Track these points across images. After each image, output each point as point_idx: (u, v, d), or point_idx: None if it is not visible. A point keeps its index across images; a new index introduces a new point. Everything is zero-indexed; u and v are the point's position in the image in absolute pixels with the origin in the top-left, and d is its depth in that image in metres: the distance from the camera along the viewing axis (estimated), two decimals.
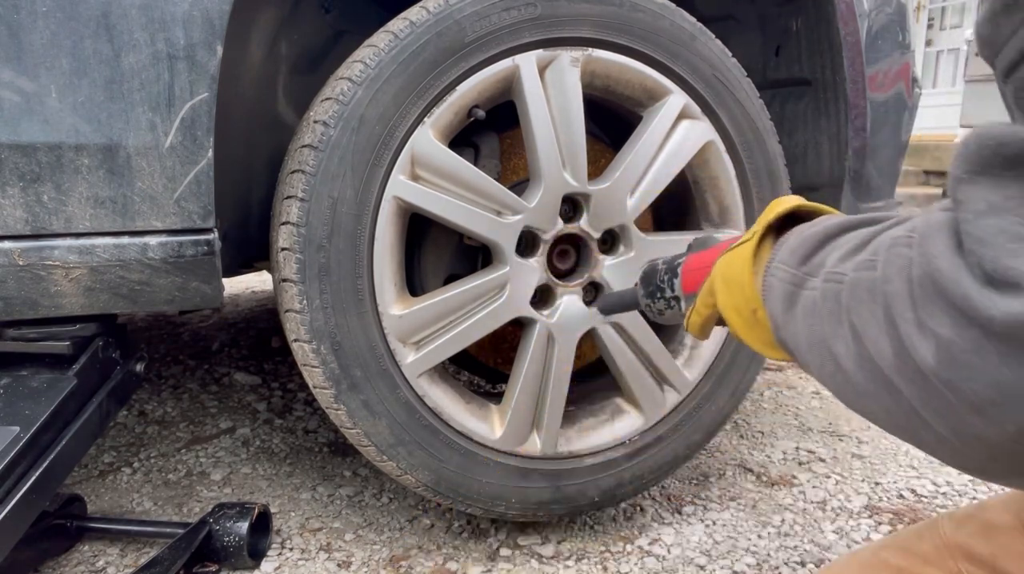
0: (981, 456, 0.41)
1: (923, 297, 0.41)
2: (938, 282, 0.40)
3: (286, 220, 1.01)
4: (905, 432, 0.47)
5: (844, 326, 0.50)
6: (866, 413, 0.51)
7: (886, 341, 0.44)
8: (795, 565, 1.17)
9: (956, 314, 0.39)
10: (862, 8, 1.33)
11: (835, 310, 0.51)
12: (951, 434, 0.42)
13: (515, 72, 1.06)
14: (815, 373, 0.56)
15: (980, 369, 0.38)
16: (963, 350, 0.39)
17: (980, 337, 0.38)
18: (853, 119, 1.36)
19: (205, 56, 0.91)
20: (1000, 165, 0.39)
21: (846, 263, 0.52)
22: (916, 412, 0.43)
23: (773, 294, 0.61)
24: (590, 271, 1.16)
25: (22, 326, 1.01)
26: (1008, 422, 0.38)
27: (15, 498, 0.92)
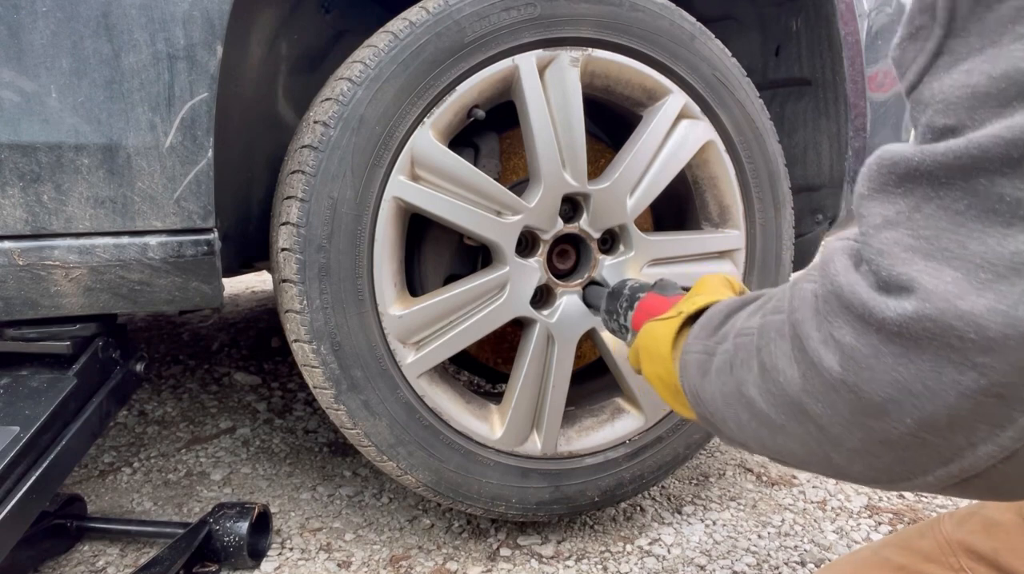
0: (890, 459, 0.44)
1: (828, 312, 0.45)
2: (840, 295, 0.44)
3: (286, 220, 1.01)
4: (820, 460, 0.50)
5: (754, 369, 0.54)
6: (784, 453, 0.54)
7: (793, 367, 0.48)
8: (795, 565, 1.17)
9: (856, 321, 0.43)
10: (862, 8, 1.33)
11: (746, 358, 0.56)
12: (860, 444, 0.45)
13: (515, 72, 1.06)
14: (734, 429, 0.59)
15: (879, 370, 0.41)
16: (864, 355, 0.42)
17: (878, 341, 0.42)
18: (853, 119, 1.36)
19: (205, 56, 0.91)
20: (893, 183, 0.43)
21: (754, 318, 0.58)
22: (826, 433, 0.47)
23: (689, 370, 0.66)
24: (590, 271, 1.16)
25: (22, 326, 1.01)
26: (906, 416, 0.41)
27: (15, 498, 0.92)
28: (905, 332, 0.40)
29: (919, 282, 0.39)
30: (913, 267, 0.40)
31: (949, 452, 0.41)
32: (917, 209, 0.41)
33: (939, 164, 0.40)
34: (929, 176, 0.41)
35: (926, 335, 0.39)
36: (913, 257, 0.41)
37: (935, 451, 0.42)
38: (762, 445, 0.56)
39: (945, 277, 0.39)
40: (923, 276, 0.40)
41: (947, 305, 0.38)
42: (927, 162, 0.41)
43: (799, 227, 1.48)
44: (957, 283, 0.38)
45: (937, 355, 0.39)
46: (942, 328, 0.38)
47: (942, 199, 0.40)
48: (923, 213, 0.41)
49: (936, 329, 0.38)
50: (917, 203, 0.41)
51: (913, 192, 0.42)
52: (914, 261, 0.40)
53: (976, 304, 0.37)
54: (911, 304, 0.39)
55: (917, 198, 0.41)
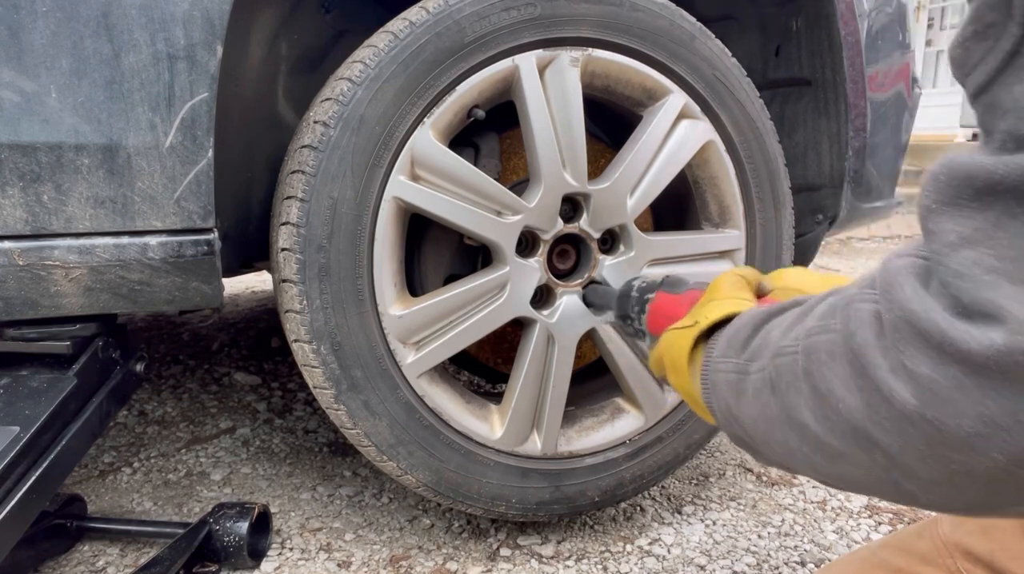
0: (972, 492, 0.42)
1: (899, 341, 0.42)
2: (913, 323, 0.41)
3: (286, 220, 1.01)
4: (886, 486, 0.47)
5: (804, 394, 0.50)
6: (843, 479, 0.51)
7: (855, 394, 0.45)
8: (795, 565, 1.17)
9: (934, 352, 0.40)
10: (862, 8, 1.33)
11: (792, 381, 0.52)
12: (938, 475, 0.42)
13: (515, 72, 1.06)
14: (779, 453, 0.56)
15: (963, 404, 0.39)
16: (945, 387, 0.39)
17: (960, 373, 0.39)
18: (853, 119, 1.36)
19: (205, 56, 0.91)
20: (968, 196, 0.40)
21: (791, 335, 0.53)
22: (896, 462, 0.44)
23: (719, 390, 0.62)
24: (590, 271, 1.16)
25: (22, 326, 1.01)
26: (996, 452, 0.39)
27: (15, 498, 0.92)
28: (993, 365, 0.37)
29: (1008, 310, 0.37)
30: (999, 293, 0.37)
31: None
32: (999, 226, 0.38)
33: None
34: (1014, 190, 0.38)
35: (1017, 369, 0.36)
36: (998, 281, 0.38)
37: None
38: (815, 470, 0.53)
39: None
40: (1012, 303, 0.37)
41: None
42: (1012, 175, 0.37)
43: (799, 227, 1.48)
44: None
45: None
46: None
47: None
48: (1007, 231, 0.38)
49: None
50: (998, 219, 0.38)
51: (993, 206, 0.39)
52: (999, 285, 0.37)
53: None
54: (1000, 336, 0.37)
55: (998, 213, 0.38)
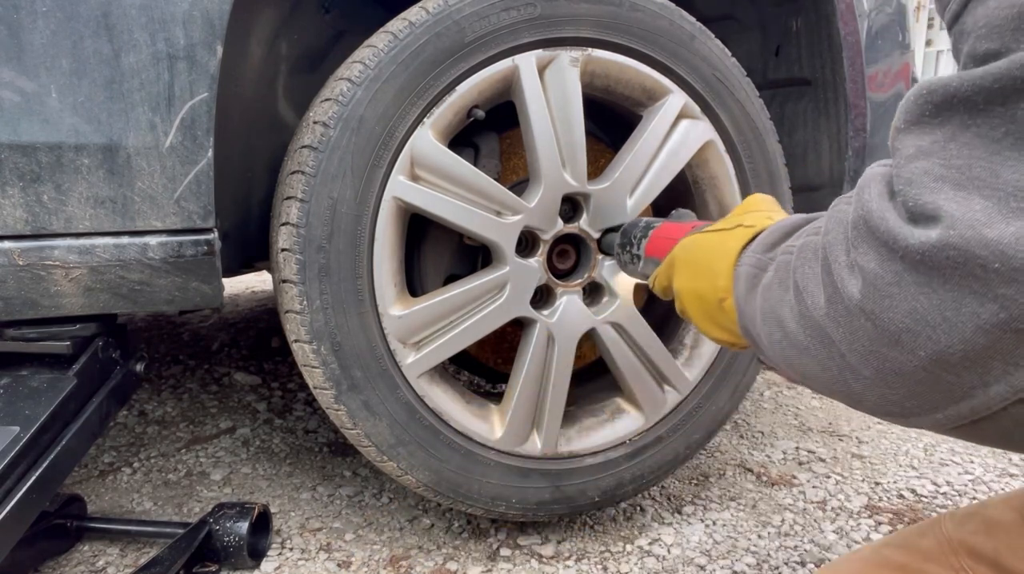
0: (903, 393, 0.43)
1: (855, 238, 0.44)
2: (869, 221, 0.43)
3: (286, 221, 1.01)
4: (838, 385, 0.49)
5: (790, 289, 0.53)
6: (806, 375, 0.53)
7: (821, 290, 0.48)
8: (795, 565, 1.17)
9: (882, 248, 0.42)
10: (862, 8, 1.33)
11: (784, 277, 0.55)
12: (875, 374, 0.44)
13: (514, 72, 1.06)
14: (765, 345, 0.59)
15: (899, 298, 0.41)
16: (886, 282, 0.41)
17: (901, 269, 0.41)
18: (853, 119, 1.36)
19: (205, 56, 0.91)
20: (930, 113, 0.41)
21: (799, 238, 0.57)
22: (845, 360, 0.46)
23: (739, 281, 0.65)
24: (590, 271, 1.16)
25: (22, 326, 1.01)
26: (920, 348, 0.40)
27: (15, 498, 0.92)
28: (928, 260, 0.39)
29: (945, 210, 0.38)
30: (941, 196, 0.39)
31: (960, 390, 0.40)
32: (952, 138, 0.40)
33: (978, 88, 0.38)
34: (967, 102, 0.39)
35: (949, 264, 0.38)
36: (942, 186, 0.39)
37: (947, 388, 0.41)
38: (789, 365, 0.55)
39: (974, 205, 0.37)
40: (950, 204, 0.38)
41: (973, 233, 0.37)
42: (965, 87, 0.39)
43: None
44: (986, 211, 0.37)
45: (959, 285, 0.38)
46: (966, 256, 0.37)
47: (979, 127, 0.38)
48: (958, 142, 0.39)
49: (960, 257, 0.37)
50: (953, 132, 0.40)
51: (950, 121, 0.40)
52: (943, 190, 0.39)
53: (1004, 232, 0.36)
54: (936, 232, 0.38)
55: (954, 126, 0.40)
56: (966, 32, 0.41)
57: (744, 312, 0.63)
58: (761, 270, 0.62)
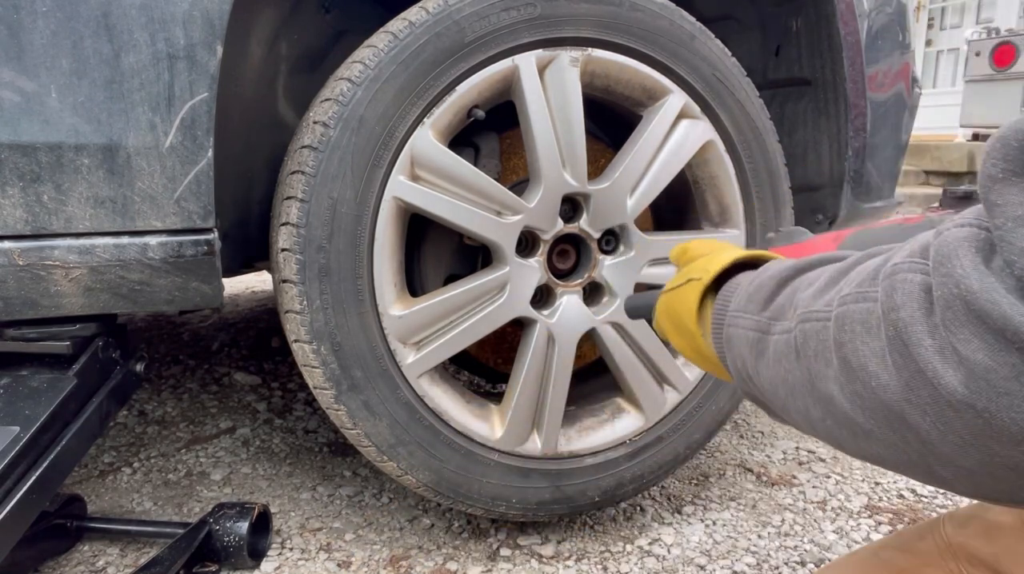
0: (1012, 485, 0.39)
1: (952, 321, 0.38)
2: (970, 303, 0.37)
3: (286, 221, 1.01)
4: (917, 469, 0.44)
5: (833, 364, 0.46)
6: (867, 455, 0.48)
7: (893, 373, 0.41)
8: (795, 565, 1.17)
9: (991, 337, 0.36)
10: (862, 8, 1.33)
11: (821, 349, 0.48)
12: (978, 466, 0.39)
13: (514, 72, 1.06)
14: (799, 420, 0.53)
15: (1019, 394, 0.35)
16: (1002, 377, 0.36)
17: (1020, 361, 0.35)
18: (853, 119, 1.36)
19: (205, 56, 0.91)
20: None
21: (822, 298, 0.49)
22: (929, 447, 0.41)
23: (736, 344, 0.59)
24: (590, 271, 1.16)
25: (22, 326, 1.01)
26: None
27: (15, 498, 0.92)
28: None
29: None
30: None
31: None
32: None
33: None
34: None
35: None
36: None
37: None
38: (837, 443, 0.49)
39: None
40: None
41: None
42: None
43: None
44: None
45: None
46: None
47: None
48: None
49: None
50: None
51: None
52: None
53: None
54: None
55: None
56: None
57: (754, 383, 0.57)
58: (764, 333, 0.55)
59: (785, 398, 0.53)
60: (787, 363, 0.52)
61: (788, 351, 0.52)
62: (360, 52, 1.02)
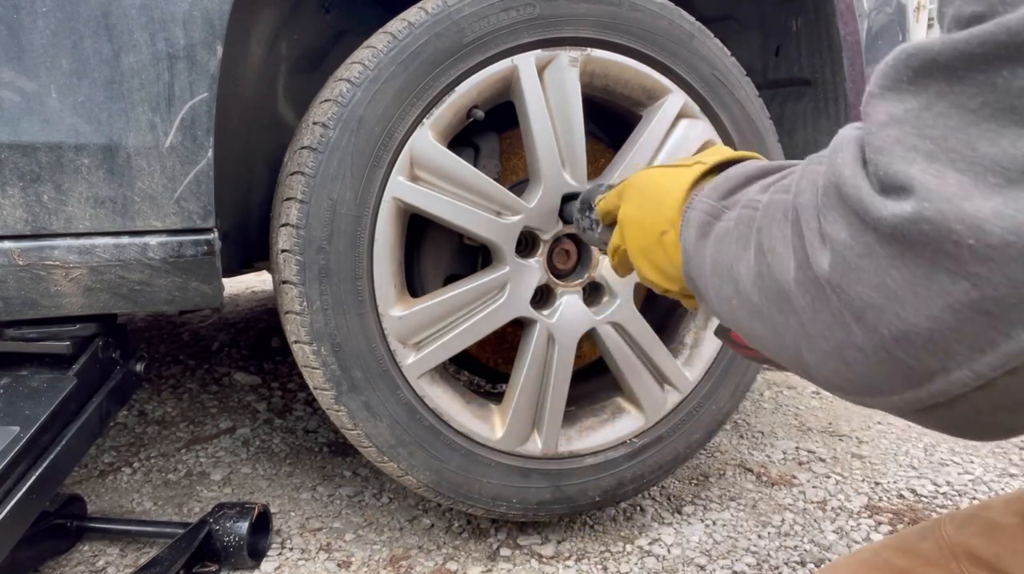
0: (858, 371, 0.42)
1: (825, 205, 0.42)
2: (840, 189, 0.41)
3: (286, 222, 1.01)
4: (787, 352, 0.48)
5: (751, 247, 0.51)
6: (755, 336, 0.52)
7: (790, 254, 0.46)
8: (795, 565, 1.17)
9: (853, 219, 0.40)
10: (862, 8, 1.33)
11: (745, 233, 0.53)
12: (834, 348, 0.43)
13: (514, 72, 1.06)
14: (712, 298, 0.58)
15: (868, 272, 0.39)
16: (856, 254, 0.40)
17: (872, 241, 0.39)
18: (853, 119, 1.36)
19: (205, 56, 0.91)
20: (907, 79, 0.39)
21: (765, 193, 0.54)
22: (804, 329, 0.45)
23: (689, 225, 0.63)
24: (590, 271, 1.16)
25: (22, 326, 1.01)
26: (884, 326, 0.39)
27: (15, 498, 0.92)
28: (900, 234, 0.37)
29: (919, 182, 0.37)
30: (914, 167, 0.37)
31: (921, 374, 0.39)
32: (927, 107, 0.38)
33: (959, 53, 0.36)
34: (946, 69, 0.37)
35: (922, 238, 0.36)
36: (915, 157, 0.38)
37: (907, 371, 0.39)
38: (736, 324, 0.54)
39: (949, 179, 0.36)
40: (924, 176, 0.37)
41: (948, 207, 0.35)
42: (946, 52, 0.37)
43: None
44: (962, 185, 0.35)
45: (930, 261, 0.36)
46: (940, 231, 0.36)
47: (956, 95, 0.37)
48: (933, 111, 0.38)
49: (933, 232, 0.36)
50: (929, 101, 0.38)
51: (927, 88, 0.38)
52: (916, 161, 0.37)
53: (981, 207, 0.34)
54: (909, 205, 0.37)
55: (930, 95, 0.38)
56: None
57: (691, 259, 0.61)
58: (714, 218, 0.60)
59: (708, 276, 0.57)
60: (719, 245, 0.56)
61: (724, 235, 0.56)
62: (359, 53, 1.02)
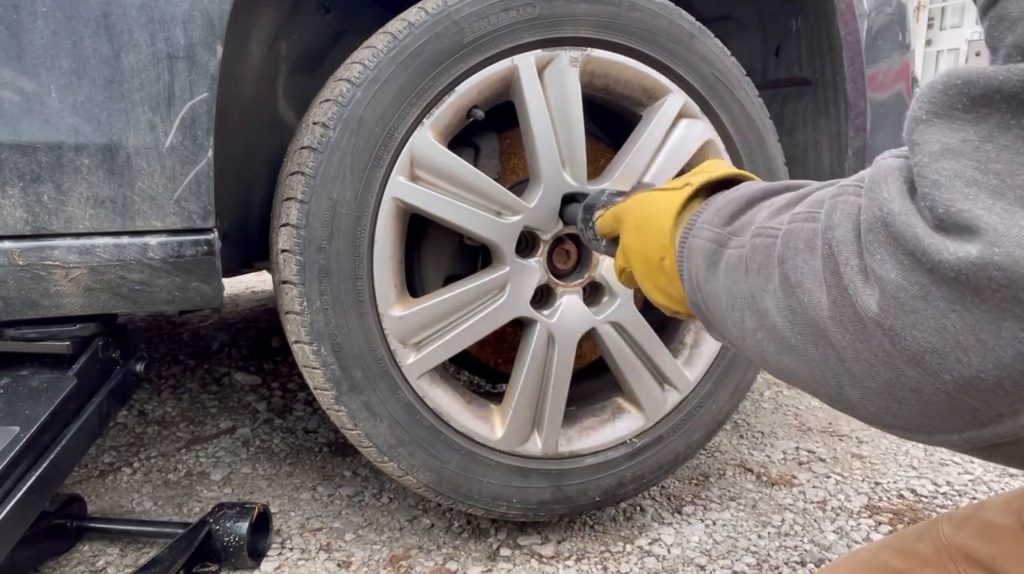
0: (912, 411, 0.40)
1: (872, 242, 0.40)
2: (889, 225, 0.39)
3: (286, 222, 1.01)
4: (826, 388, 0.46)
5: (774, 279, 0.49)
6: (786, 370, 0.49)
7: (823, 290, 0.44)
8: (795, 565, 1.17)
9: (905, 258, 0.38)
10: (862, 8, 1.33)
11: (765, 263, 0.50)
12: (883, 387, 0.41)
13: (514, 72, 1.06)
14: (731, 331, 0.55)
15: (925, 315, 0.37)
16: (910, 295, 0.37)
17: (929, 282, 0.37)
18: (853, 119, 1.36)
19: (205, 56, 0.91)
20: (962, 107, 0.37)
21: (778, 218, 0.52)
22: (845, 366, 0.42)
23: (695, 254, 0.61)
24: (590, 271, 1.16)
25: (22, 326, 1.01)
26: (946, 372, 0.37)
27: (15, 498, 0.92)
28: (963, 278, 0.35)
29: (985, 223, 0.34)
30: (978, 205, 0.35)
31: (986, 416, 0.37)
32: (989, 138, 0.36)
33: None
34: (1011, 99, 0.35)
35: (990, 285, 0.34)
36: (977, 193, 0.35)
37: (971, 412, 0.37)
38: (763, 358, 0.51)
39: (1019, 220, 0.34)
40: (991, 216, 0.34)
41: (1021, 253, 0.33)
42: (1012, 81, 0.35)
43: None
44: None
45: (999, 307, 0.34)
46: (1012, 278, 0.33)
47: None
48: (996, 143, 0.35)
49: (1004, 279, 0.34)
50: (990, 132, 0.36)
51: (987, 119, 0.36)
52: (979, 198, 0.35)
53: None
54: (975, 248, 0.34)
55: (991, 126, 0.36)
56: (1009, 19, 0.36)
57: (702, 291, 0.59)
58: (720, 246, 0.57)
59: (725, 309, 0.55)
60: (735, 275, 0.54)
61: (738, 264, 0.54)
62: (359, 53, 1.02)
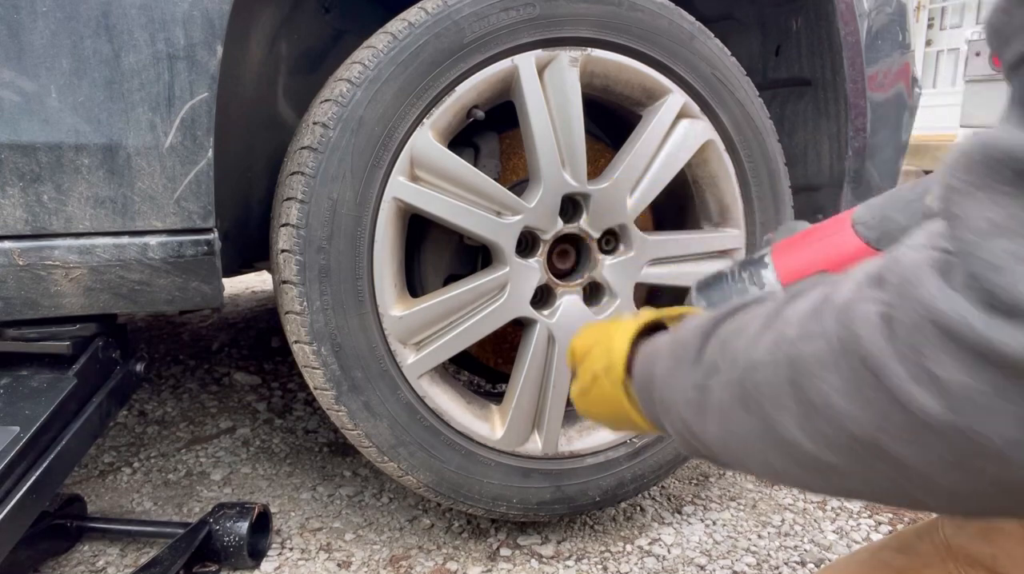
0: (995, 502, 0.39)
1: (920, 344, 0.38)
2: (940, 323, 0.37)
3: (286, 222, 1.01)
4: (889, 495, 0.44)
5: (790, 409, 0.46)
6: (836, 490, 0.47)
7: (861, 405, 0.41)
8: (795, 565, 1.17)
9: (968, 355, 0.36)
10: (862, 8, 1.33)
11: (775, 397, 0.47)
12: (960, 486, 0.39)
13: (514, 72, 1.06)
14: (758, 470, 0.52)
15: (1002, 411, 0.35)
16: (981, 393, 0.35)
17: (1000, 377, 0.35)
18: (853, 119, 1.36)
19: (205, 56, 0.91)
20: (1006, 180, 0.36)
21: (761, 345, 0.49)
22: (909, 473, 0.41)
23: (672, 410, 0.58)
24: (590, 271, 1.16)
25: (22, 326, 1.01)
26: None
27: (15, 498, 0.92)
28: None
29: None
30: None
31: None
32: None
33: None
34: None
35: None
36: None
37: None
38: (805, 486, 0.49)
39: None
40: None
41: None
42: None
43: None
44: None
45: None
46: None
47: None
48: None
49: None
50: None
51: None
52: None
53: None
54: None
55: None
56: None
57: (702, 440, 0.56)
58: (703, 390, 0.54)
59: (740, 452, 0.51)
60: (735, 415, 0.50)
61: (734, 403, 0.50)
62: (359, 53, 1.02)
